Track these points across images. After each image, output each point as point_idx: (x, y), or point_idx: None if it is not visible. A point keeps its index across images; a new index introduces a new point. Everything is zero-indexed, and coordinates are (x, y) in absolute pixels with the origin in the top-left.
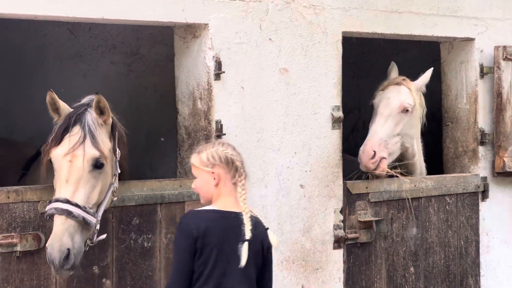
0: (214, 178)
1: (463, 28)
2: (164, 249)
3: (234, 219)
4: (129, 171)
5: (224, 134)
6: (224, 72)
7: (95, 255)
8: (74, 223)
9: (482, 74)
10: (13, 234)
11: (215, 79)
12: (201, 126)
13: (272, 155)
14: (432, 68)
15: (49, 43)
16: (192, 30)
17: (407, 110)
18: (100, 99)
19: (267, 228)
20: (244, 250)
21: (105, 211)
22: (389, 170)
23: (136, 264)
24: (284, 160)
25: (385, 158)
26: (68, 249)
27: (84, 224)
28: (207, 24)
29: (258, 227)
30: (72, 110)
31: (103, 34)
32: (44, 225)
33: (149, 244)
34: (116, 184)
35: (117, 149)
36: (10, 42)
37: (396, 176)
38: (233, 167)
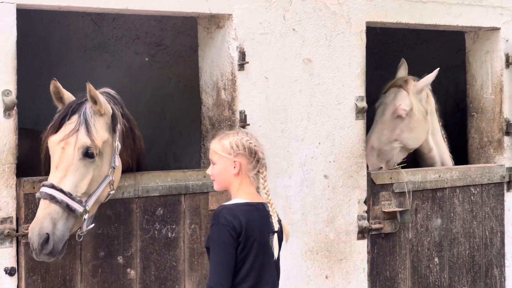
0: (235, 167)
1: (488, 17)
2: (188, 240)
3: (263, 210)
4: (149, 164)
5: (248, 125)
6: (248, 62)
7: (119, 245)
8: (58, 208)
9: (508, 63)
10: None
11: (239, 70)
12: (225, 116)
13: (296, 145)
14: (438, 69)
15: (73, 34)
16: (216, 21)
17: (401, 116)
18: (90, 88)
19: (280, 220)
20: (275, 242)
21: (129, 202)
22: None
23: (160, 255)
24: (308, 151)
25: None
26: (47, 234)
27: (69, 211)
28: (231, 14)
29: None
30: (74, 99)
31: (126, 24)
32: None
33: (173, 235)
34: (113, 177)
35: (117, 143)
36: (34, 33)
37: None
38: (255, 158)
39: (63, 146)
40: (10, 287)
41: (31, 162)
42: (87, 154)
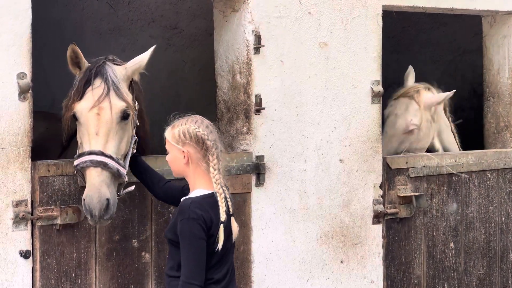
0: (184, 156)
1: (506, 1)
2: None
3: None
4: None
5: (264, 108)
6: (263, 46)
7: (134, 228)
8: (109, 174)
9: None
10: (53, 207)
11: (255, 53)
12: (240, 100)
13: (311, 130)
14: (454, 91)
15: (88, 17)
16: (232, 4)
17: (412, 131)
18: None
19: (231, 215)
20: (221, 232)
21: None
22: None
23: None
24: (323, 135)
25: None
26: (108, 199)
27: (116, 176)
28: None
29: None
30: (90, 64)
31: (142, 7)
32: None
33: None
34: (135, 136)
35: (136, 102)
36: (49, 16)
37: None
38: (203, 146)
39: (97, 112)
40: (25, 270)
41: (46, 145)
42: (124, 116)
